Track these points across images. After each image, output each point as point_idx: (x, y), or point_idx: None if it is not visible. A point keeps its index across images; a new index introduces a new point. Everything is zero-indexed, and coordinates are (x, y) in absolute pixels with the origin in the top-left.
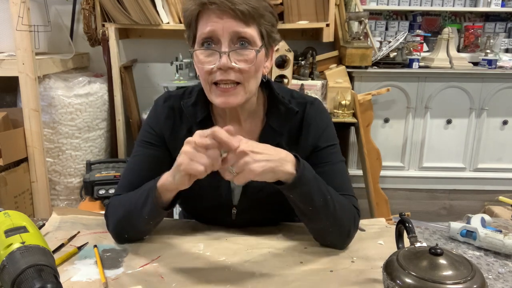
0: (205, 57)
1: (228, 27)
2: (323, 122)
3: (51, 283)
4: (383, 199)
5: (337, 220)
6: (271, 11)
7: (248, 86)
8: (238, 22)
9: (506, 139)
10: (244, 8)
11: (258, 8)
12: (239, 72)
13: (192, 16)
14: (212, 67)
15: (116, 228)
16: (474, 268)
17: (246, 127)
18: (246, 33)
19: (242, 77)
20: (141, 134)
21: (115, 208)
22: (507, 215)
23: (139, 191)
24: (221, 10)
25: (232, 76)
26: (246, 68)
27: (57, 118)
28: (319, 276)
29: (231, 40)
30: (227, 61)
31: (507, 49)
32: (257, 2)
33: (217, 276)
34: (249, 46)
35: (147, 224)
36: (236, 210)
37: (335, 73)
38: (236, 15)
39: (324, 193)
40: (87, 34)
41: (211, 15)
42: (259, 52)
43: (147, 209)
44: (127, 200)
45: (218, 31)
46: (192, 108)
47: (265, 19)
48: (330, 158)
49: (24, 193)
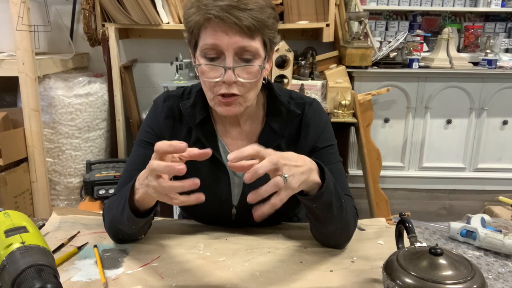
0: (209, 69)
1: (233, 43)
2: (321, 122)
3: (51, 283)
4: (383, 199)
5: (346, 223)
6: (274, 16)
7: (249, 95)
8: (244, 37)
9: (506, 139)
10: (249, 23)
11: (263, 20)
12: (242, 85)
13: (195, 26)
14: (217, 81)
15: (109, 230)
16: (474, 268)
17: (246, 128)
18: (251, 46)
19: (244, 90)
20: (140, 133)
21: (107, 211)
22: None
23: (120, 193)
24: (227, 25)
25: (235, 90)
26: (248, 82)
27: (57, 118)
28: (319, 276)
29: (235, 54)
30: (232, 76)
31: (507, 49)
32: (262, 13)
33: (217, 276)
34: (253, 59)
35: (130, 229)
36: (236, 210)
37: (335, 73)
38: (242, 30)
39: (341, 199)
40: (87, 34)
41: (216, 28)
42: (263, 68)
43: (125, 216)
44: (114, 203)
45: (222, 46)
46: (191, 109)
47: (269, 28)
48: (328, 158)
49: (24, 193)
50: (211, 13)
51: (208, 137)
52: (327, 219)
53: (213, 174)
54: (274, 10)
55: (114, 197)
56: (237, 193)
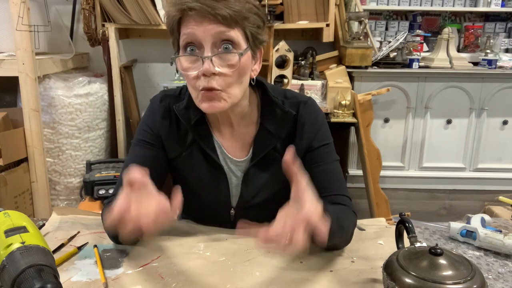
0: (188, 63)
1: (209, 30)
2: (317, 121)
3: (51, 283)
4: (383, 199)
5: (347, 236)
6: (256, 13)
7: (232, 91)
8: (220, 26)
9: (506, 139)
10: (225, 12)
11: (240, 11)
12: (222, 77)
13: (173, 22)
14: (196, 73)
15: (108, 234)
16: (474, 268)
17: (240, 130)
18: (229, 35)
19: (224, 83)
20: (138, 133)
21: (104, 215)
22: (507, 215)
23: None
24: (202, 16)
25: (214, 84)
26: (229, 73)
27: (57, 118)
28: (319, 276)
29: (213, 44)
30: (210, 66)
31: (507, 49)
32: (240, 5)
33: (217, 276)
34: (233, 49)
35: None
36: (235, 211)
37: (335, 73)
38: (217, 20)
39: (343, 228)
40: (87, 34)
41: (191, 21)
42: (242, 56)
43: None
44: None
45: (199, 35)
46: (185, 112)
47: (250, 21)
48: (324, 158)
49: (24, 193)
50: (186, 5)
51: (204, 138)
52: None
53: (211, 175)
54: (257, 8)
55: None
56: (235, 194)
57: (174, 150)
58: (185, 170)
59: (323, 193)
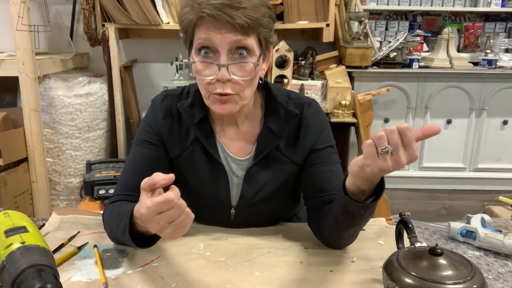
0: (203, 67)
1: (226, 38)
2: (321, 123)
3: (51, 283)
4: (383, 199)
5: (358, 232)
6: (270, 15)
7: (244, 94)
8: (237, 34)
9: (506, 139)
10: (243, 21)
11: (257, 18)
12: (236, 83)
13: (189, 24)
14: (211, 79)
15: (110, 237)
16: (474, 268)
17: (244, 129)
18: (245, 43)
19: (238, 88)
20: (139, 133)
21: (107, 219)
22: (507, 215)
23: (117, 218)
24: (220, 23)
25: (229, 90)
26: (244, 79)
27: (57, 118)
28: (319, 276)
29: (229, 50)
30: (226, 74)
31: (507, 49)
32: (256, 11)
33: (217, 276)
34: (247, 56)
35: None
36: (235, 211)
37: (335, 73)
38: (235, 29)
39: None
40: (87, 34)
41: (209, 26)
42: (257, 65)
43: (126, 240)
44: (112, 221)
45: (216, 42)
46: (189, 109)
47: (264, 27)
48: (328, 159)
49: (24, 193)
50: (204, 12)
51: (207, 137)
52: (361, 223)
53: (211, 175)
54: (270, 9)
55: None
56: (236, 193)
57: (176, 150)
58: (186, 169)
59: (326, 192)
